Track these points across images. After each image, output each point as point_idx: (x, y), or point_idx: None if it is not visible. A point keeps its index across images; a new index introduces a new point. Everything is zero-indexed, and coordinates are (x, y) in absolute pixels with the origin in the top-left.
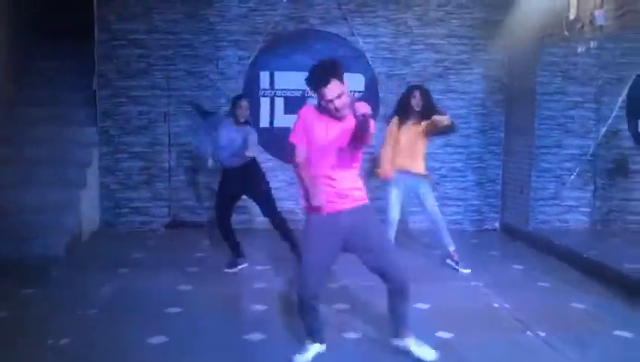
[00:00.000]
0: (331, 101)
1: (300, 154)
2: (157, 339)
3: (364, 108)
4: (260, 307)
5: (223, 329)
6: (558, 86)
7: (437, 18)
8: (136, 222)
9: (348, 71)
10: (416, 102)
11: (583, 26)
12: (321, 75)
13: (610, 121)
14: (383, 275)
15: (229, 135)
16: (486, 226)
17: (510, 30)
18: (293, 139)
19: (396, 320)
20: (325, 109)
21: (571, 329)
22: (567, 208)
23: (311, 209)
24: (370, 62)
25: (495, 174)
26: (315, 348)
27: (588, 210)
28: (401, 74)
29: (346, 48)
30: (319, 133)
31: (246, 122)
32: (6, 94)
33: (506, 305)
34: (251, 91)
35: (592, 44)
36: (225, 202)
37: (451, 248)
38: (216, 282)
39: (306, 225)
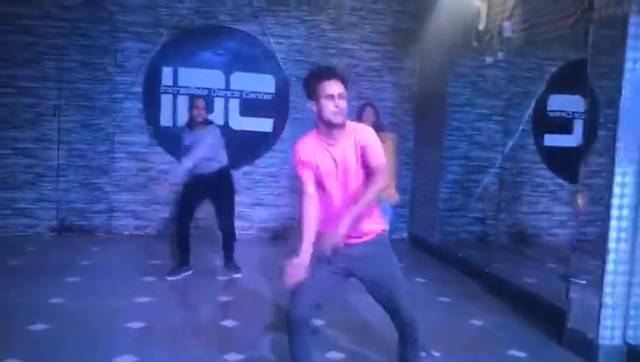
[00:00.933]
0: (332, 97)
1: (307, 181)
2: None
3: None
4: (137, 324)
5: (91, 350)
6: (467, 97)
7: (350, 23)
8: (19, 225)
9: (259, 71)
10: (366, 117)
11: (491, 37)
12: (322, 71)
13: (517, 134)
14: (393, 311)
15: (195, 139)
16: (394, 236)
17: (422, 39)
18: (297, 170)
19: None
20: (322, 129)
21: (468, 349)
22: (474, 220)
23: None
24: (281, 64)
25: (404, 184)
26: None
27: (493, 222)
28: None
29: (257, 48)
30: (322, 159)
31: (208, 122)
32: None
33: None
34: (152, 87)
35: (500, 55)
36: (190, 208)
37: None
38: (96, 295)
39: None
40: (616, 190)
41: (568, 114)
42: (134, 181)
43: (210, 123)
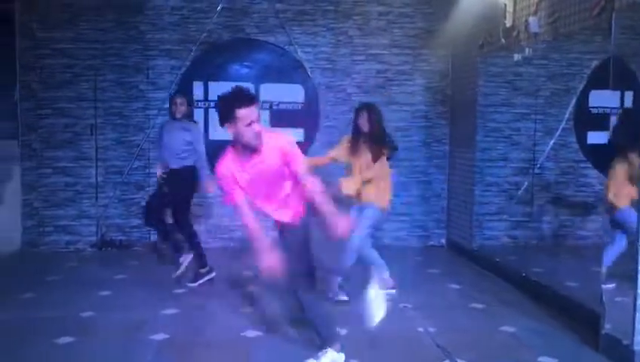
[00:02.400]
0: (251, 124)
1: (236, 195)
2: None
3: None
4: (159, 336)
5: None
6: (503, 97)
7: (378, 27)
8: (61, 241)
9: (288, 81)
10: (363, 122)
11: (518, 34)
12: (238, 98)
13: (558, 133)
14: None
15: (168, 134)
16: (432, 242)
17: (452, 39)
18: (225, 190)
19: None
20: (240, 147)
21: (495, 357)
22: (515, 223)
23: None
24: (309, 73)
25: (440, 189)
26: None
27: (536, 225)
28: (342, 85)
29: (285, 58)
30: (248, 174)
31: (187, 119)
32: None
33: (431, 329)
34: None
35: (528, 51)
36: (155, 201)
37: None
38: (124, 308)
39: None
40: None
41: (611, 109)
42: None
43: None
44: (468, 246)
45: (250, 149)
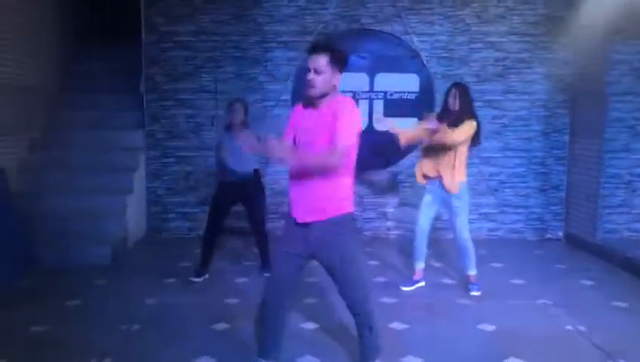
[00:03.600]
0: (309, 70)
1: (287, 136)
2: (203, 360)
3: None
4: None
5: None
6: (628, 86)
7: (497, 15)
8: (183, 228)
9: (403, 71)
10: (452, 102)
11: None
12: (314, 46)
13: None
14: (346, 303)
15: (230, 143)
16: (549, 236)
17: (575, 27)
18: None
19: (362, 350)
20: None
21: None
22: (638, 216)
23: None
24: (425, 62)
25: (559, 180)
26: None
27: None
28: (459, 74)
29: (401, 48)
30: (300, 125)
31: (244, 126)
32: (52, 98)
33: (581, 328)
34: (300, 94)
35: None
36: (220, 213)
37: (472, 272)
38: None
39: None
40: None
41: None
42: (285, 183)
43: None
44: (590, 239)
45: (308, 100)
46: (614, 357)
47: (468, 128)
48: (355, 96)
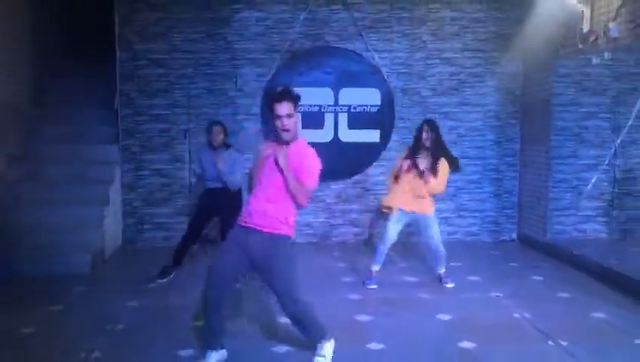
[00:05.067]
0: (279, 117)
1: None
2: (187, 352)
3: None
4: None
5: (251, 342)
6: (572, 97)
7: (451, 33)
8: (159, 238)
9: (365, 85)
10: (425, 136)
11: (596, 39)
12: (277, 94)
13: (625, 130)
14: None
15: (208, 159)
16: (503, 237)
17: (523, 43)
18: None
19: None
20: (275, 135)
21: (593, 339)
22: (585, 218)
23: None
24: (385, 77)
25: (511, 185)
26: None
27: (605, 219)
28: (417, 88)
29: (362, 64)
30: (262, 155)
31: (225, 145)
32: (28, 113)
33: (527, 315)
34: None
35: (607, 55)
36: (200, 221)
37: (443, 270)
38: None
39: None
40: None
41: None
42: None
43: (229, 146)
44: (541, 239)
45: (280, 140)
46: (554, 338)
47: (445, 172)
48: (321, 110)
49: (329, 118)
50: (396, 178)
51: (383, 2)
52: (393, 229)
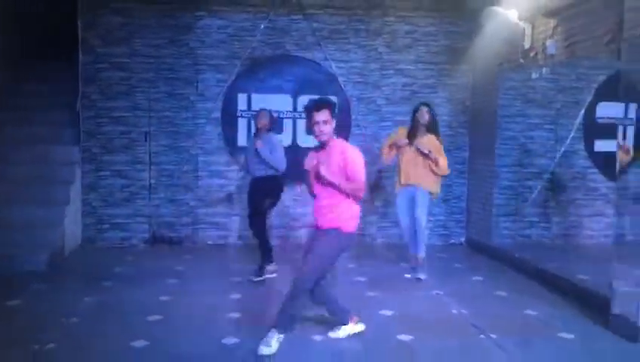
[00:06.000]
0: (317, 123)
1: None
2: (139, 343)
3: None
4: (234, 315)
5: (201, 334)
6: (518, 108)
7: (405, 45)
8: (116, 238)
9: (323, 93)
10: (421, 115)
11: (536, 54)
12: (317, 104)
13: (567, 141)
14: None
15: (250, 146)
16: (452, 241)
17: (473, 57)
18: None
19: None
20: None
21: (521, 332)
22: (529, 223)
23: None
24: (342, 86)
25: (460, 191)
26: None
27: (548, 225)
28: (372, 97)
29: (320, 73)
30: (309, 165)
31: (269, 130)
32: None
33: (464, 312)
34: (229, 112)
35: (545, 70)
36: (253, 208)
37: (420, 256)
38: (193, 293)
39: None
40: None
41: (617, 120)
42: (216, 196)
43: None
44: (487, 243)
45: (320, 144)
46: (486, 332)
47: (441, 150)
48: (280, 116)
49: (288, 124)
50: (390, 147)
51: (340, 14)
52: (404, 216)
